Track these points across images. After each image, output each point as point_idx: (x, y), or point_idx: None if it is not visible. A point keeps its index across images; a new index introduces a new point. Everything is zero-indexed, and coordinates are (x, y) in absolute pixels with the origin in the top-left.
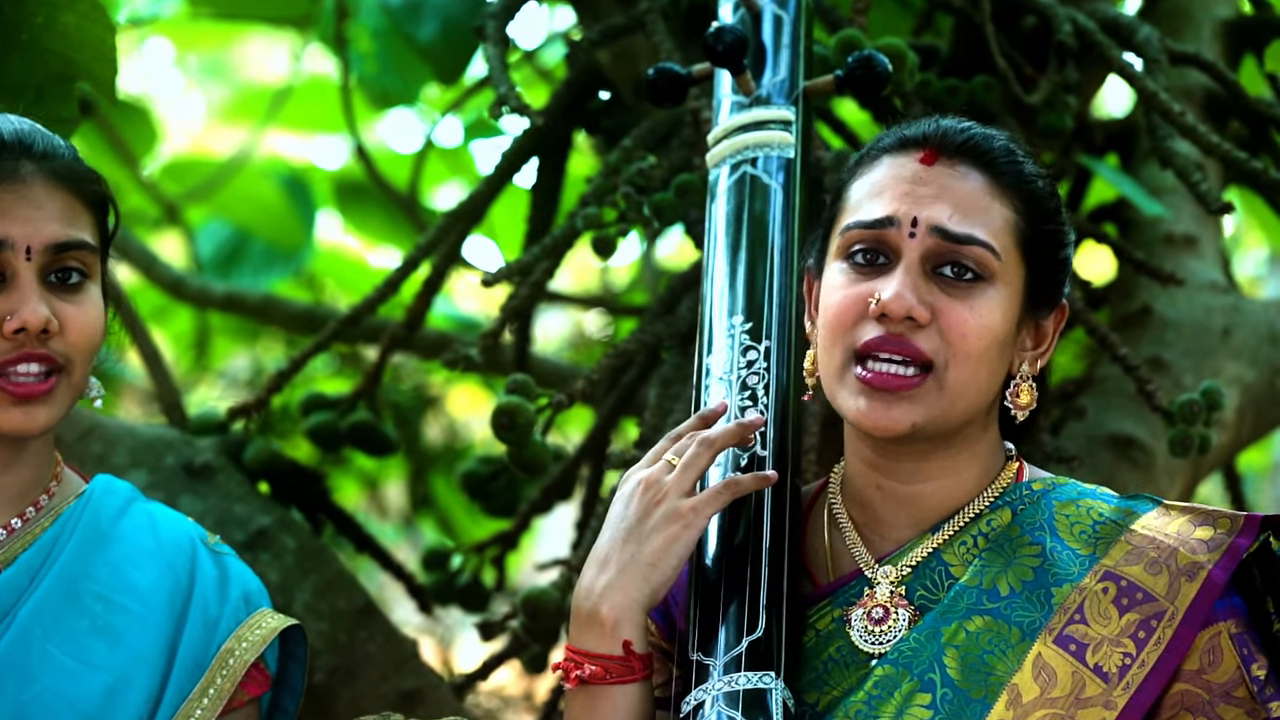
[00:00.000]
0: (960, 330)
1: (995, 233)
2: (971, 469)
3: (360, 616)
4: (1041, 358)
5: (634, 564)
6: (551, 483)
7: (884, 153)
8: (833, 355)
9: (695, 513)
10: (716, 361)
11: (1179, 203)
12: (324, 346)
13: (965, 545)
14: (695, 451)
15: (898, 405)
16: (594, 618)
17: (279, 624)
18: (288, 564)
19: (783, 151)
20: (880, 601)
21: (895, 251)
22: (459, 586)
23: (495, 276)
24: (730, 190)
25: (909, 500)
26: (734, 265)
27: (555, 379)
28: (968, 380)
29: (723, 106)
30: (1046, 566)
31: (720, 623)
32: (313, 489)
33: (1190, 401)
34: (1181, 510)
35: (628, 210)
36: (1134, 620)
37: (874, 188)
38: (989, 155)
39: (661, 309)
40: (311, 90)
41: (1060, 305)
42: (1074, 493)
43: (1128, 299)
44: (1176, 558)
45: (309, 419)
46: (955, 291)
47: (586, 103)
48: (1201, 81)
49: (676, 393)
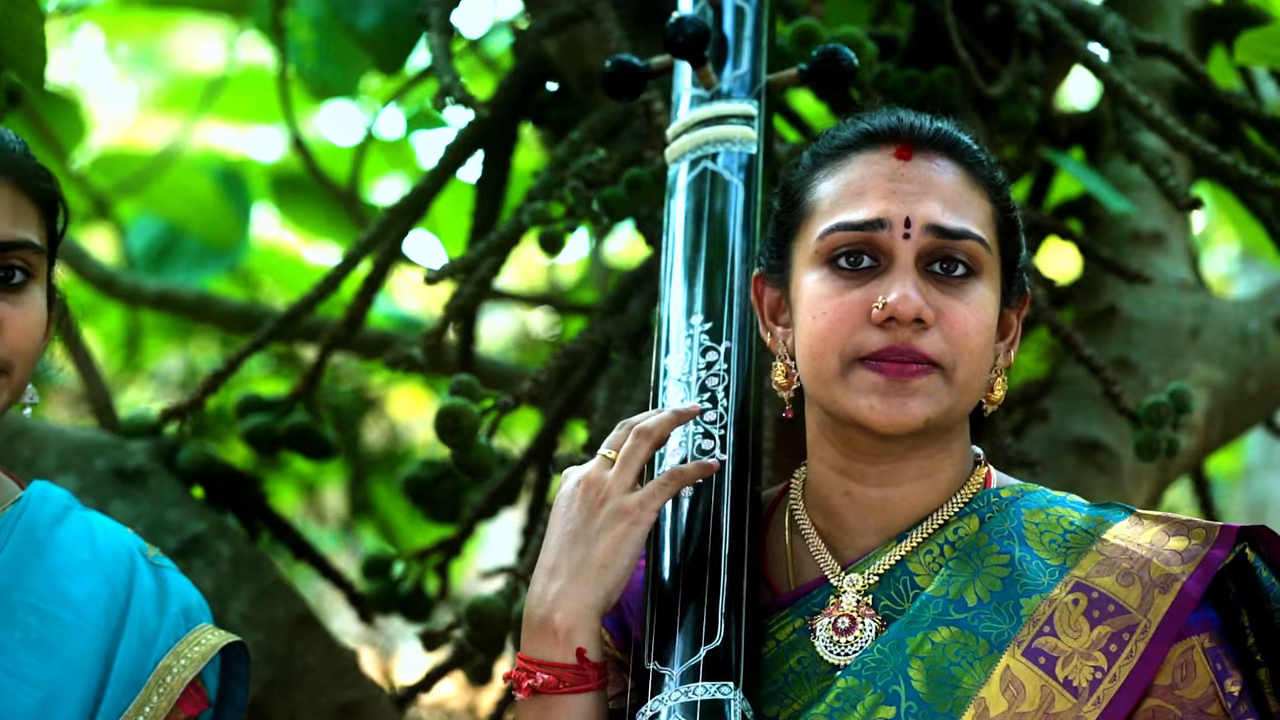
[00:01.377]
0: (962, 329)
1: (982, 225)
2: (945, 471)
3: (298, 626)
4: (1012, 348)
5: (585, 567)
6: (497, 487)
7: (849, 150)
8: (825, 362)
9: (642, 507)
10: (675, 362)
11: (1146, 198)
12: (260, 346)
13: (932, 554)
14: (633, 443)
15: (914, 400)
16: (546, 625)
17: (219, 640)
18: (222, 572)
19: (744, 147)
20: (846, 611)
21: (886, 253)
22: (401, 595)
23: (438, 274)
24: (690, 187)
25: (878, 506)
26: (693, 264)
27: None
28: (973, 377)
29: (682, 100)
30: (1015, 577)
31: (677, 631)
32: (248, 494)
33: (1157, 404)
34: (1155, 520)
35: (576, 205)
36: (1105, 633)
37: (850, 188)
38: (960, 147)
39: (611, 308)
40: (247, 80)
41: (1025, 294)
42: (1043, 500)
43: (1093, 298)
44: (1149, 569)
45: (245, 421)
46: (949, 289)
47: (533, 94)
48: (1170, 73)
49: (626, 394)
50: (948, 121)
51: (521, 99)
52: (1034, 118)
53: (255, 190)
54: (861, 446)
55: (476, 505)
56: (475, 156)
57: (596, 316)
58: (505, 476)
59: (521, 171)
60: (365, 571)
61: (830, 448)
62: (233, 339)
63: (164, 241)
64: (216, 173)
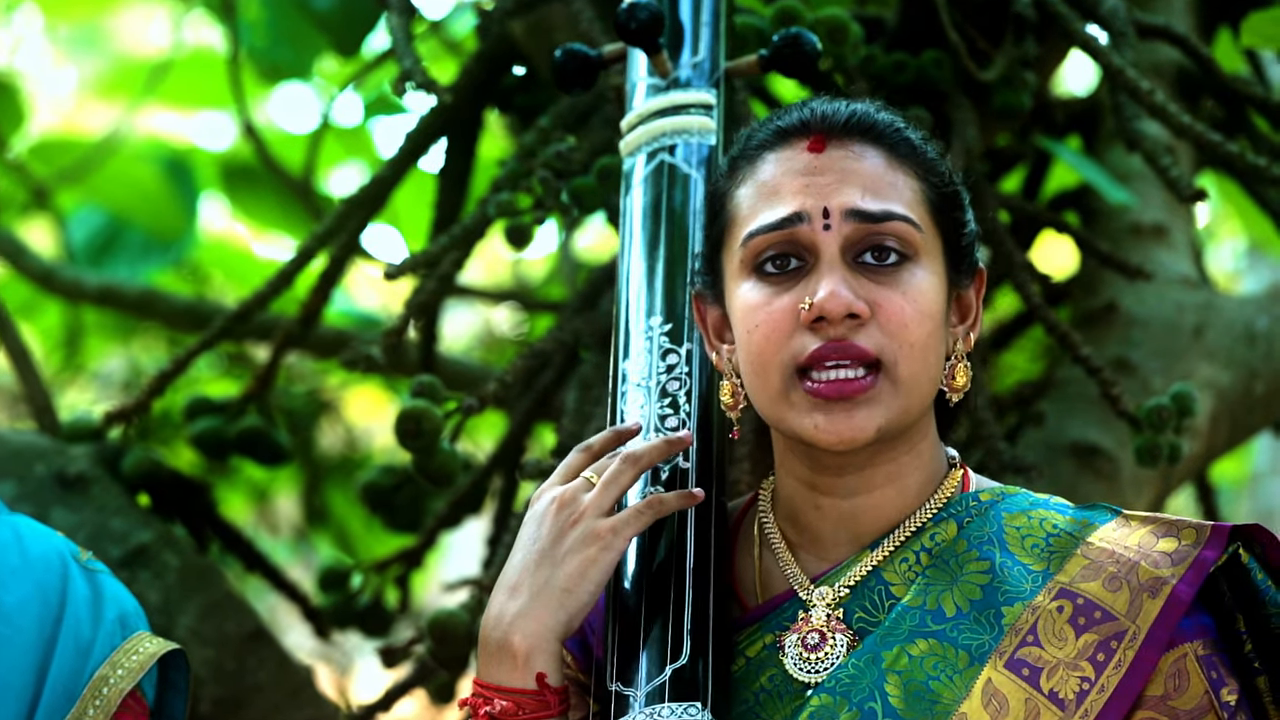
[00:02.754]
0: (900, 320)
1: (910, 205)
2: (914, 473)
3: (249, 642)
4: (973, 330)
5: (548, 589)
6: (460, 495)
7: (762, 150)
8: (768, 379)
9: (615, 534)
10: (634, 366)
11: (1147, 189)
12: (209, 345)
13: (907, 562)
14: (617, 469)
15: (859, 412)
16: (504, 648)
17: (158, 649)
18: (169, 584)
19: (703, 138)
20: (816, 626)
21: (810, 250)
22: (358, 609)
23: (398, 269)
24: (647, 180)
25: (849, 516)
26: (652, 262)
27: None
28: (919, 372)
29: (638, 90)
30: (996, 584)
31: (641, 650)
32: (197, 502)
33: (1159, 407)
34: (1143, 520)
35: (544, 196)
36: (1092, 641)
37: (765, 188)
38: (878, 129)
39: (581, 305)
40: (195, 63)
41: (978, 271)
42: (1025, 503)
43: (1091, 295)
44: (1138, 572)
45: (193, 425)
46: (882, 278)
47: (499, 78)
48: (1173, 57)
49: (597, 396)
50: (866, 103)
51: (487, 83)
52: (1029, 104)
53: (203, 180)
54: (824, 461)
55: (439, 513)
56: (438, 144)
57: (566, 314)
58: (469, 483)
59: (487, 160)
60: (321, 584)
61: (796, 462)
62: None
63: (106, 234)
64: (162, 161)
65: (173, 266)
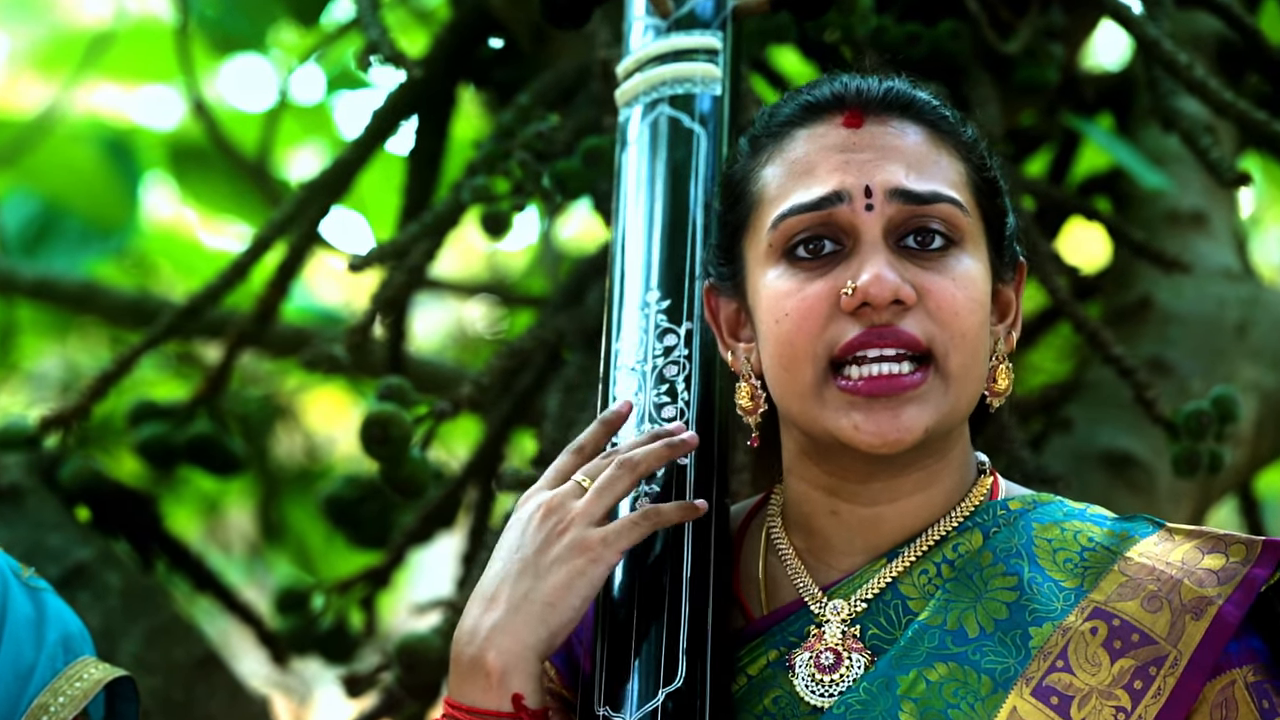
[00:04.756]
0: (951, 308)
1: (956, 186)
2: (945, 480)
3: (199, 669)
4: (1014, 330)
5: (528, 602)
6: (432, 508)
7: (789, 126)
8: (799, 373)
9: (606, 545)
10: (627, 347)
11: (1185, 173)
12: (155, 344)
13: (927, 575)
14: (613, 474)
15: (906, 410)
16: (478, 666)
17: (104, 675)
18: (111, 606)
19: (708, 88)
20: (831, 645)
21: (849, 232)
22: (319, 633)
23: (364, 260)
24: (644, 135)
25: (868, 524)
26: (649, 229)
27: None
28: (969, 365)
29: (634, 31)
30: (1024, 602)
31: (632, 669)
32: (142, 515)
33: (1199, 411)
34: (1187, 535)
35: (524, 180)
36: (1128, 667)
37: (798, 166)
38: (917, 105)
39: (564, 299)
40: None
41: (1020, 264)
42: (1059, 513)
43: (1124, 288)
44: (1180, 591)
45: (137, 431)
46: (928, 264)
47: (475, 51)
48: (1214, 27)
49: (582, 399)
50: (900, 79)
51: (461, 56)
52: (1055, 79)
53: (148, 161)
54: (851, 467)
55: (408, 528)
56: (407, 124)
57: (547, 310)
58: (441, 495)
59: (461, 141)
60: (278, 605)
61: (814, 468)
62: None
63: (41, 221)
64: (103, 141)
65: (114, 257)
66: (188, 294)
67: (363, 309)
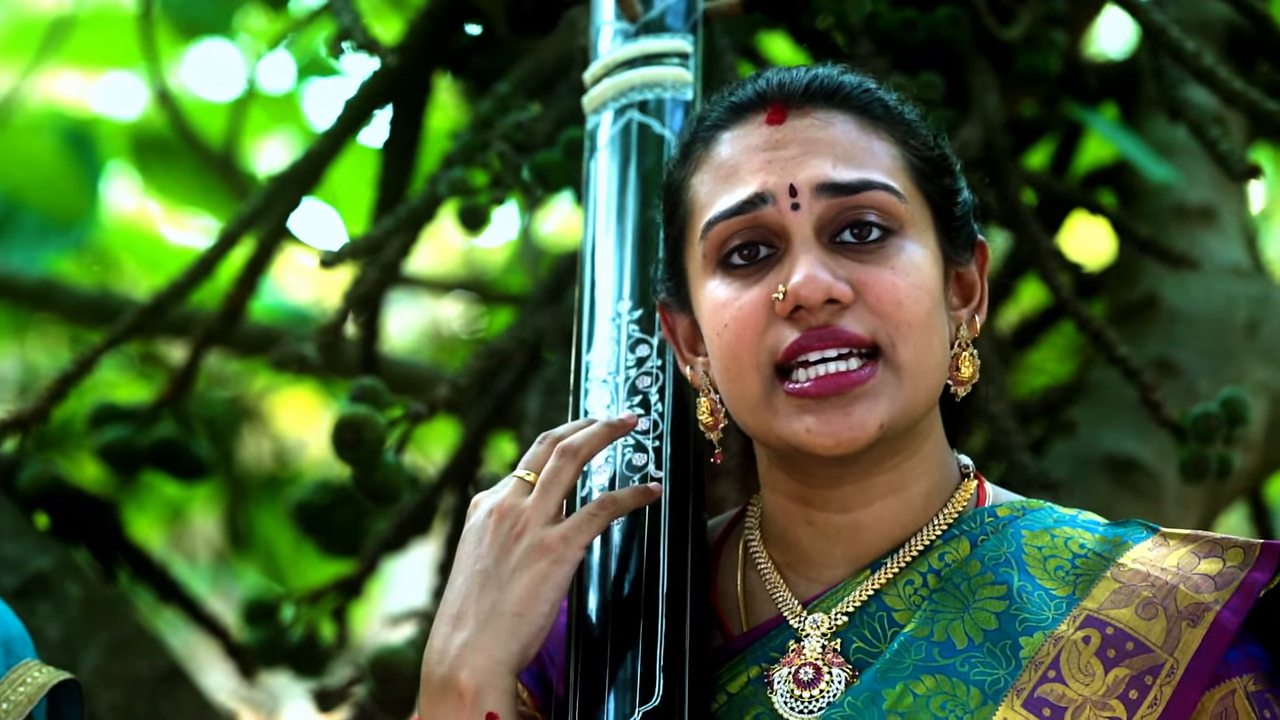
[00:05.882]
0: (893, 298)
1: (889, 171)
2: (920, 481)
3: (163, 683)
4: (978, 313)
5: (496, 615)
6: (406, 515)
7: (716, 129)
8: (746, 383)
9: (566, 542)
10: (598, 358)
11: (1193, 165)
12: (117, 343)
13: (912, 585)
14: (555, 465)
15: (857, 407)
16: (450, 686)
17: (48, 679)
18: (72, 617)
19: (678, 92)
20: (810, 659)
21: (779, 234)
22: (288, 645)
23: (336, 256)
24: (614, 142)
25: (846, 532)
26: (620, 238)
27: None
28: (922, 356)
29: (602, 35)
30: (1013, 611)
31: (608, 689)
32: (103, 522)
33: (1207, 414)
34: (1182, 539)
35: (503, 173)
36: (1123, 676)
37: (723, 170)
38: (844, 92)
39: (544, 297)
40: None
41: (979, 243)
42: (1049, 519)
43: (1129, 286)
44: (1176, 597)
45: (99, 434)
46: (866, 257)
47: (451, 37)
48: (1223, 13)
49: (563, 401)
50: (829, 66)
51: (437, 43)
52: (1057, 67)
53: (109, 152)
54: (817, 472)
55: (381, 536)
56: (380, 114)
57: (527, 308)
58: (417, 501)
59: (437, 132)
60: (245, 616)
61: (784, 477)
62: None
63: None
64: (62, 131)
65: (74, 252)
66: (151, 291)
67: (334, 307)
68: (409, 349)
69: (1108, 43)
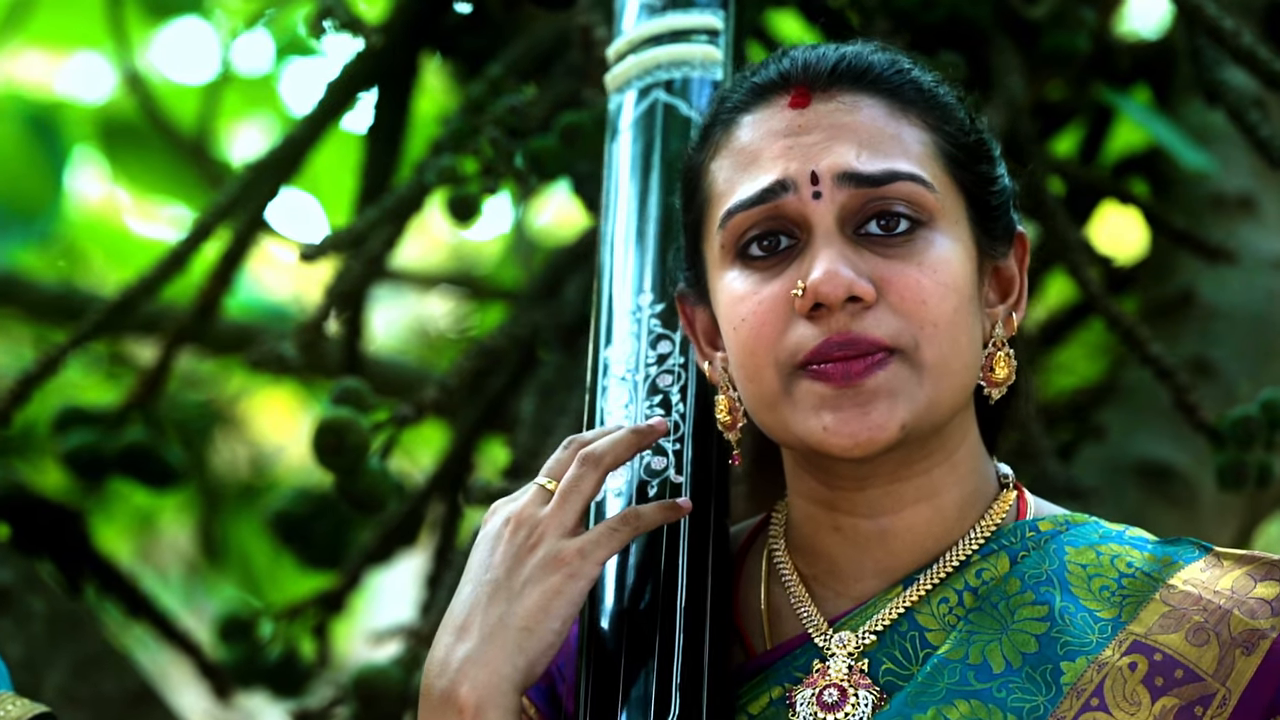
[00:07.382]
0: (917, 297)
1: (918, 160)
2: (952, 489)
3: (133, 704)
4: (1016, 310)
5: (503, 629)
6: (392, 524)
7: (737, 112)
8: (762, 380)
9: (583, 557)
10: (617, 355)
11: (1231, 152)
12: (84, 341)
13: (947, 603)
14: (576, 472)
15: (876, 406)
16: (450, 701)
17: (23, 712)
18: (34, 634)
19: (707, 71)
20: (835, 680)
21: (801, 224)
22: (266, 664)
23: (317, 249)
24: (638, 123)
25: (876, 540)
26: (642, 225)
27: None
28: (947, 356)
29: (627, 9)
30: (1055, 634)
31: (620, 707)
32: (69, 533)
33: (1246, 417)
34: (1237, 560)
35: (495, 160)
36: (1171, 706)
37: (743, 156)
38: (873, 73)
39: (539, 293)
40: None
41: (1018, 235)
42: (1094, 535)
43: (1163, 281)
44: (1229, 623)
45: (64, 439)
46: (892, 251)
47: (440, 16)
48: None
49: (560, 404)
50: (859, 45)
51: (424, 22)
52: (1086, 48)
53: (75, 138)
54: (841, 473)
55: (365, 547)
56: (364, 97)
57: (521, 304)
58: (403, 510)
59: (425, 117)
60: (220, 633)
61: (809, 479)
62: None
63: None
64: (25, 116)
65: (38, 244)
66: (120, 286)
67: (315, 303)
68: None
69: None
